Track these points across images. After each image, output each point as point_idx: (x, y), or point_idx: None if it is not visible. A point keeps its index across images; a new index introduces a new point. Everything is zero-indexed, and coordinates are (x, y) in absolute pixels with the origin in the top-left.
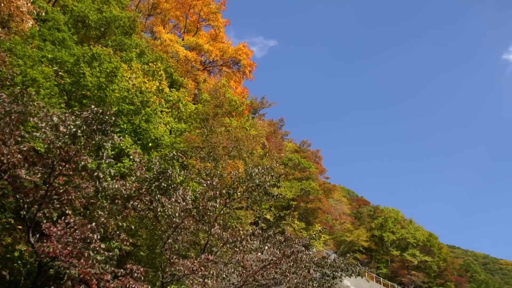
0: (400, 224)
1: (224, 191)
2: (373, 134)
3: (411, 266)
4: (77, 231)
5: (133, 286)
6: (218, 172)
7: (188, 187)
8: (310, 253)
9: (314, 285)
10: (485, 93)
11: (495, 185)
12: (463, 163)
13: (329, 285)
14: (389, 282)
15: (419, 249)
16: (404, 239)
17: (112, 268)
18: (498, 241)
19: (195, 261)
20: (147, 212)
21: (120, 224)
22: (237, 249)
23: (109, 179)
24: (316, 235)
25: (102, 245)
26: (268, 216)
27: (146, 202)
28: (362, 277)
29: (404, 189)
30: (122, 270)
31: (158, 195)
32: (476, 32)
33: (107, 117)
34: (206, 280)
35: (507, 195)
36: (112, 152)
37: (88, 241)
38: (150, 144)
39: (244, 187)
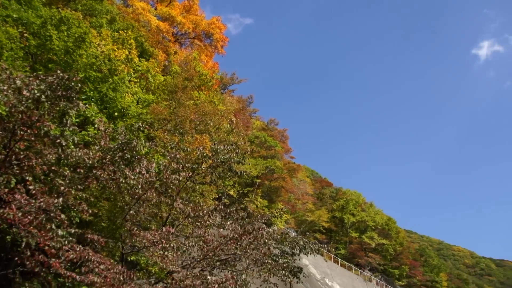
0: (361, 207)
1: (188, 165)
2: (340, 119)
3: (368, 248)
4: (41, 203)
5: (92, 257)
6: (184, 146)
7: (153, 160)
8: (271, 230)
9: (274, 261)
10: (452, 86)
11: (454, 175)
12: (426, 153)
13: (287, 262)
14: (346, 263)
15: (378, 232)
16: (363, 222)
17: (72, 244)
18: (452, 229)
19: (156, 233)
20: (109, 182)
21: (80, 194)
22: (199, 224)
23: (72, 147)
24: (278, 213)
25: (63, 216)
26: (231, 192)
27: (109, 173)
28: (321, 256)
29: (367, 173)
30: (80, 246)
31: (122, 166)
32: (448, 25)
33: (73, 83)
34: (166, 252)
35: (464, 185)
36: (77, 120)
37: (50, 212)
38: (116, 114)
39: (209, 162)
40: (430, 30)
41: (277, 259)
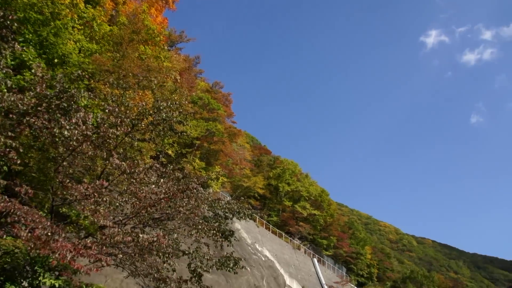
0: (297, 177)
1: (128, 121)
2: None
3: (300, 217)
4: None
5: (17, 211)
6: (125, 100)
7: (91, 112)
8: (206, 192)
9: (206, 223)
10: (397, 70)
11: (392, 156)
12: (366, 134)
13: (220, 224)
14: (277, 230)
15: (311, 202)
16: (298, 192)
17: None
18: (382, 205)
19: (89, 186)
20: (43, 131)
21: (10, 142)
22: (134, 180)
23: (5, 90)
24: (215, 176)
25: None
26: (170, 152)
27: (44, 121)
28: (253, 222)
29: (307, 145)
30: (6, 197)
31: (58, 115)
32: (401, 8)
33: (9, 22)
34: (98, 207)
35: (400, 166)
36: (12, 62)
37: None
38: (56, 60)
39: (150, 119)
40: (383, 11)
41: (209, 221)
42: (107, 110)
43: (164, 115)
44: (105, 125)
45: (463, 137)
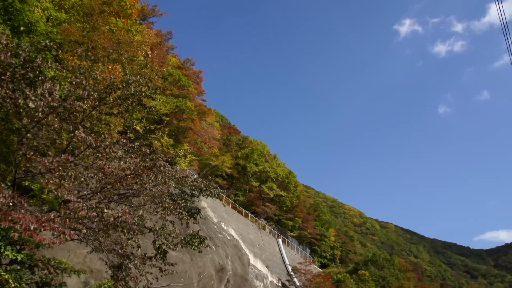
0: (265, 158)
1: (95, 94)
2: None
3: (267, 198)
4: None
5: None
6: (94, 73)
7: (58, 83)
8: (173, 170)
9: (172, 200)
10: (369, 56)
11: (359, 141)
12: (336, 118)
13: (186, 202)
14: (243, 210)
15: (277, 183)
16: (265, 172)
17: None
18: (347, 189)
19: (54, 160)
20: (7, 101)
21: None
22: (100, 155)
23: None
24: (183, 153)
25: None
26: (138, 128)
27: (7, 91)
28: (220, 201)
29: (276, 126)
30: None
31: (23, 85)
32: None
33: None
34: (62, 181)
35: (366, 151)
36: None
37: None
38: (22, 28)
39: (118, 93)
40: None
41: (176, 199)
42: (74, 82)
43: (132, 90)
44: (72, 98)
45: (430, 126)
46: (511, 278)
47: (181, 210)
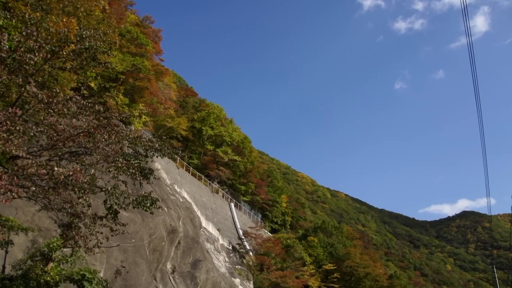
0: (221, 122)
1: (47, 47)
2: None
3: (221, 162)
4: None
5: None
6: (46, 25)
7: (7, 33)
8: (128, 129)
9: (125, 160)
10: (333, 29)
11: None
12: (293, 88)
13: (139, 162)
14: (197, 173)
15: (232, 148)
16: (221, 136)
17: None
18: (301, 156)
19: (1, 113)
20: None
21: None
22: (52, 111)
23: None
24: (138, 113)
25: None
26: (92, 85)
27: None
28: (174, 163)
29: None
30: None
31: None
32: None
33: None
34: (10, 135)
35: (321, 121)
36: None
37: None
38: None
39: (72, 47)
40: None
41: (129, 159)
42: (25, 33)
43: (87, 44)
44: (22, 49)
45: (385, 101)
46: (450, 248)
47: (134, 171)
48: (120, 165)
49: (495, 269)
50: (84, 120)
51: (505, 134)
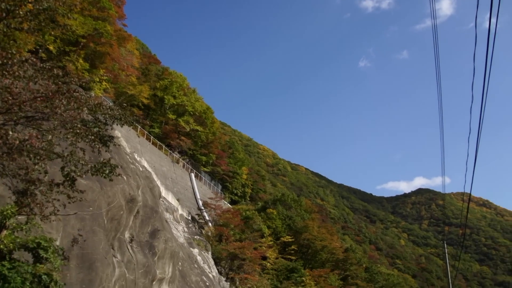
0: (184, 91)
1: (2, 4)
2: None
3: (182, 132)
4: None
5: None
6: None
7: None
8: (87, 95)
9: (84, 127)
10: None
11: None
12: (259, 61)
13: (99, 129)
14: (158, 142)
15: (194, 118)
16: (183, 106)
17: None
18: (263, 129)
19: None
20: None
21: None
22: (7, 73)
23: None
24: (98, 79)
25: None
26: (51, 48)
27: None
28: (134, 131)
29: (198, 61)
30: None
31: None
32: None
33: None
34: None
35: (287, 97)
36: None
37: None
38: None
39: (30, 7)
40: None
41: (88, 125)
42: None
43: (45, 4)
44: None
45: (349, 78)
46: (405, 224)
47: (93, 137)
48: (78, 131)
49: (445, 245)
50: (42, 84)
51: (462, 116)
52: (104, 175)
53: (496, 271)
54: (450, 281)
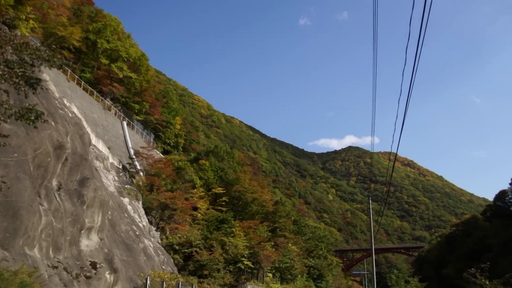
0: (118, 36)
1: None
2: None
3: (115, 78)
4: None
5: None
6: None
7: None
8: (12, 34)
9: (8, 68)
10: None
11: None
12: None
13: (25, 71)
14: (89, 87)
15: (128, 65)
16: (117, 51)
17: None
18: (198, 79)
19: None
20: None
21: None
22: None
23: None
24: (24, 17)
25: None
26: None
27: None
28: (64, 75)
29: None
30: None
31: None
32: None
33: None
34: None
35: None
36: None
37: None
38: None
39: None
40: None
41: (12, 66)
42: None
43: None
44: None
45: (288, 34)
46: (333, 180)
47: (18, 80)
48: (1, 72)
49: (370, 201)
50: None
51: (395, 78)
52: (29, 121)
53: (415, 227)
54: (372, 235)
